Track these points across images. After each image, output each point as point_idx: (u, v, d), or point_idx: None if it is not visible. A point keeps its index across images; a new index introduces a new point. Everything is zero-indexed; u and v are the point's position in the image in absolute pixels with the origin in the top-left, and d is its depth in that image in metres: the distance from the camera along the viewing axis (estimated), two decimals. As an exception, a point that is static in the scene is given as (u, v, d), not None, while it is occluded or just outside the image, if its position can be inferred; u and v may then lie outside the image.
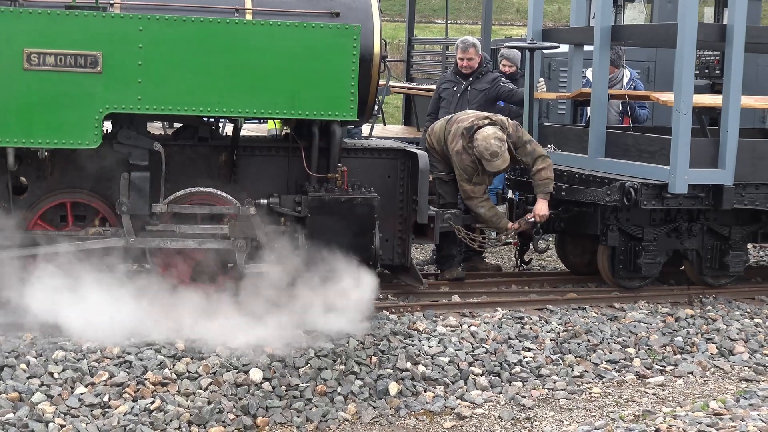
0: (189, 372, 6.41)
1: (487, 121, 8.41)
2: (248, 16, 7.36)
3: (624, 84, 10.27)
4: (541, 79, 9.86)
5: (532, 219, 8.52)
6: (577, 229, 9.05)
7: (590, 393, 6.97)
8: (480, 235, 8.80)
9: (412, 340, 7.19)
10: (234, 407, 6.21)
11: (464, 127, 8.44)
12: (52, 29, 6.73)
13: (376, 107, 8.31)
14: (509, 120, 8.59)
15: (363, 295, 7.22)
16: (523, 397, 6.78)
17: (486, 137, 8.25)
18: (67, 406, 5.98)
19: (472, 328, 7.48)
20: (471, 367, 7.01)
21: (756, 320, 8.31)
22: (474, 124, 8.41)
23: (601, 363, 7.37)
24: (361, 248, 7.43)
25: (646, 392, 7.04)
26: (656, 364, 7.50)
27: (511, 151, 8.38)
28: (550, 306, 8.20)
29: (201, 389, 6.31)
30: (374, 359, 6.83)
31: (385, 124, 14.61)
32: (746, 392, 6.89)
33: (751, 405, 6.50)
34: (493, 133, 8.25)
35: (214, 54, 6.99)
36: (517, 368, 7.09)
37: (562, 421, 6.46)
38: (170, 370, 6.39)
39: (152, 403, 6.09)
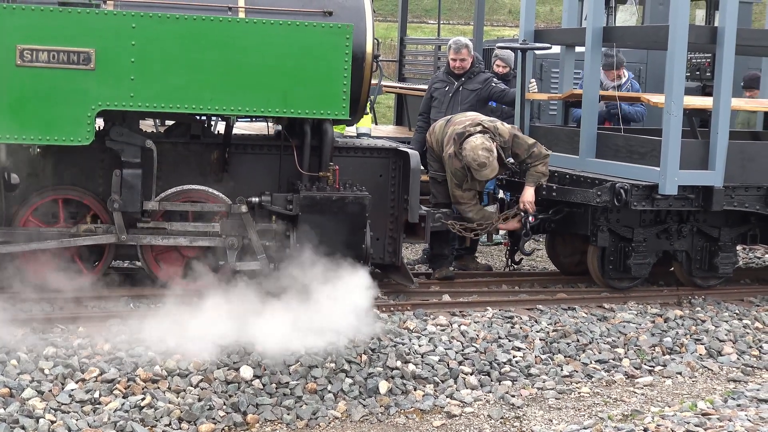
0: (180, 369, 6.41)
1: (478, 129, 8.31)
2: (241, 15, 7.37)
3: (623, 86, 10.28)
4: (533, 79, 9.88)
5: (521, 208, 8.51)
6: (568, 230, 9.07)
7: (579, 392, 6.99)
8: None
9: (403, 339, 7.20)
10: (224, 404, 6.21)
11: (457, 132, 8.40)
12: (45, 26, 6.74)
13: (368, 106, 8.31)
14: (504, 125, 8.50)
15: (360, 295, 7.22)
16: (513, 396, 6.80)
17: (474, 147, 8.17)
18: (58, 402, 5.97)
19: (462, 327, 7.49)
20: (461, 366, 7.02)
21: (744, 321, 8.35)
22: (466, 130, 8.33)
23: (591, 363, 7.39)
24: (352, 247, 7.45)
25: (635, 392, 7.07)
26: (645, 364, 7.53)
27: (501, 159, 8.34)
28: (540, 306, 8.22)
29: (191, 386, 6.31)
30: (364, 357, 6.84)
31: (376, 124, 14.62)
32: (734, 393, 6.92)
33: (738, 405, 6.53)
34: (480, 144, 8.17)
35: (207, 52, 7.01)
36: (507, 367, 7.11)
37: (551, 421, 6.48)
38: (161, 366, 6.39)
39: (143, 399, 6.08)
